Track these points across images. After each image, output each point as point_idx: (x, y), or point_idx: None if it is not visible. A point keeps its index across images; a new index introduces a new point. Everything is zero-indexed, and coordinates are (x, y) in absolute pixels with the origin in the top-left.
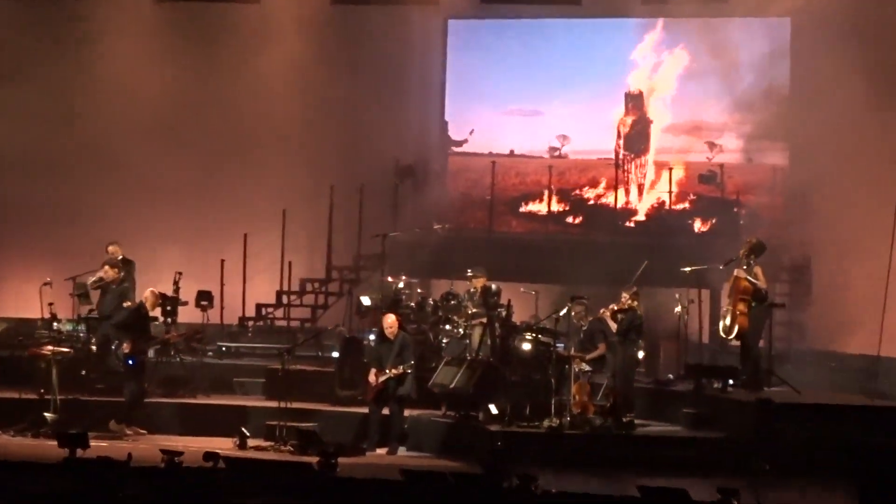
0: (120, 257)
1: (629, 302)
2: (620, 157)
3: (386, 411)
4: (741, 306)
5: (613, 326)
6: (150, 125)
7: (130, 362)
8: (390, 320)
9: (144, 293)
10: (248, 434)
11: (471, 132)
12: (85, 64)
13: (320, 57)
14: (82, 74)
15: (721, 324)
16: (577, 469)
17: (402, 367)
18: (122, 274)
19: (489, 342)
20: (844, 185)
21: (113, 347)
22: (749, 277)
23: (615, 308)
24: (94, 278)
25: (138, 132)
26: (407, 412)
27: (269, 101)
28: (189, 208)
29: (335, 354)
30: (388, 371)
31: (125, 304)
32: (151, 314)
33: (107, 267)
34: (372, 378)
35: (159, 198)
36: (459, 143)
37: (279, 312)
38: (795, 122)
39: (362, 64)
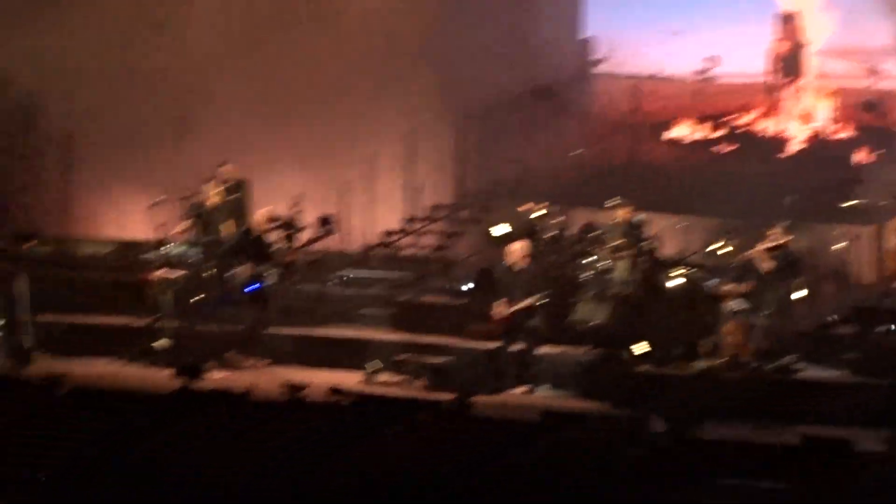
0: (233, 177)
1: (781, 237)
2: (773, 81)
3: (518, 346)
4: None
5: (766, 264)
6: (265, 33)
7: (248, 289)
8: (515, 248)
9: (255, 215)
10: (375, 368)
11: (611, 50)
12: None
13: None
14: None
15: (890, 263)
16: (729, 415)
17: (531, 299)
18: (238, 195)
19: (634, 277)
20: None
21: (229, 274)
22: None
23: (767, 246)
24: (199, 199)
25: (253, 41)
26: (547, 350)
27: (397, 12)
28: (311, 126)
29: (467, 286)
30: (515, 303)
31: (236, 228)
32: (269, 238)
33: (213, 184)
34: (499, 310)
35: (278, 114)
36: (598, 63)
37: (407, 240)
38: None
39: None
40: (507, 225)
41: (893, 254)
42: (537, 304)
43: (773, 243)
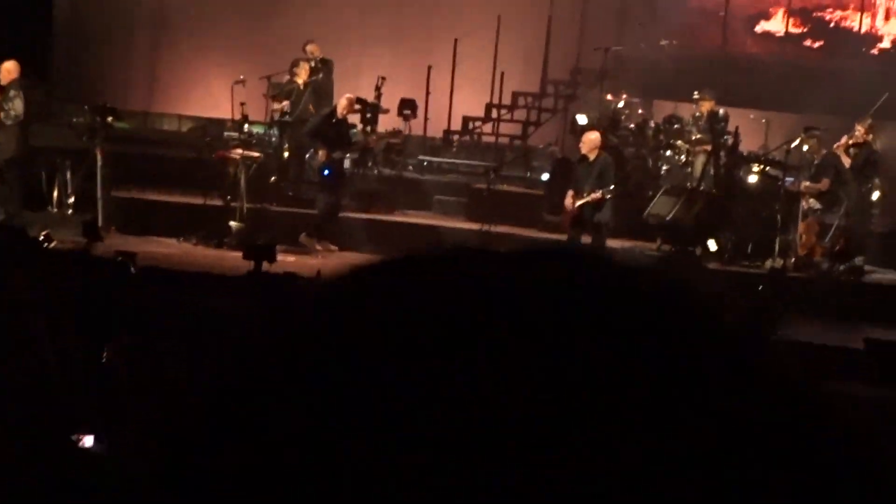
0: (318, 57)
1: (864, 136)
2: None
3: (588, 239)
4: None
5: (847, 162)
6: None
7: (325, 172)
8: (590, 137)
9: (339, 99)
10: None
11: None
12: None
13: None
14: None
15: None
16: (798, 315)
17: (600, 191)
18: (321, 76)
19: (713, 172)
20: None
21: (307, 156)
22: None
23: (849, 142)
24: (285, 79)
25: None
26: (618, 243)
27: None
28: (395, 7)
29: (545, 176)
30: (585, 195)
31: (318, 109)
32: (350, 122)
33: (302, 64)
34: (568, 202)
35: None
36: None
37: (487, 127)
38: None
39: None
40: (592, 114)
41: None
42: (605, 196)
43: (854, 140)
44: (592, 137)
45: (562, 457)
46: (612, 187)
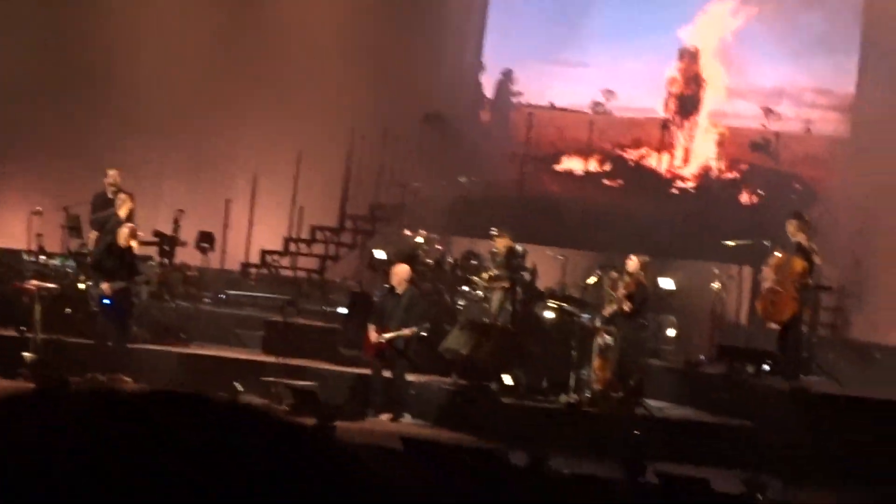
0: (119, 184)
1: (633, 270)
2: (669, 117)
3: (388, 374)
4: (793, 290)
5: (627, 306)
6: (157, 47)
7: (105, 302)
8: (400, 270)
9: (120, 230)
10: (240, 390)
11: (510, 81)
12: None
13: None
14: None
15: (761, 305)
16: (592, 451)
17: (409, 328)
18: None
19: (510, 308)
20: None
21: (89, 286)
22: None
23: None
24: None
25: (144, 54)
26: (414, 378)
27: (288, 31)
28: (196, 141)
29: (342, 310)
30: (392, 330)
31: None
32: (144, 253)
33: (123, 196)
34: (372, 335)
35: (163, 128)
36: (501, 94)
37: (285, 261)
38: (866, 81)
39: None
40: (390, 249)
41: (764, 295)
42: (419, 332)
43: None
44: (402, 270)
45: None
46: (426, 325)
